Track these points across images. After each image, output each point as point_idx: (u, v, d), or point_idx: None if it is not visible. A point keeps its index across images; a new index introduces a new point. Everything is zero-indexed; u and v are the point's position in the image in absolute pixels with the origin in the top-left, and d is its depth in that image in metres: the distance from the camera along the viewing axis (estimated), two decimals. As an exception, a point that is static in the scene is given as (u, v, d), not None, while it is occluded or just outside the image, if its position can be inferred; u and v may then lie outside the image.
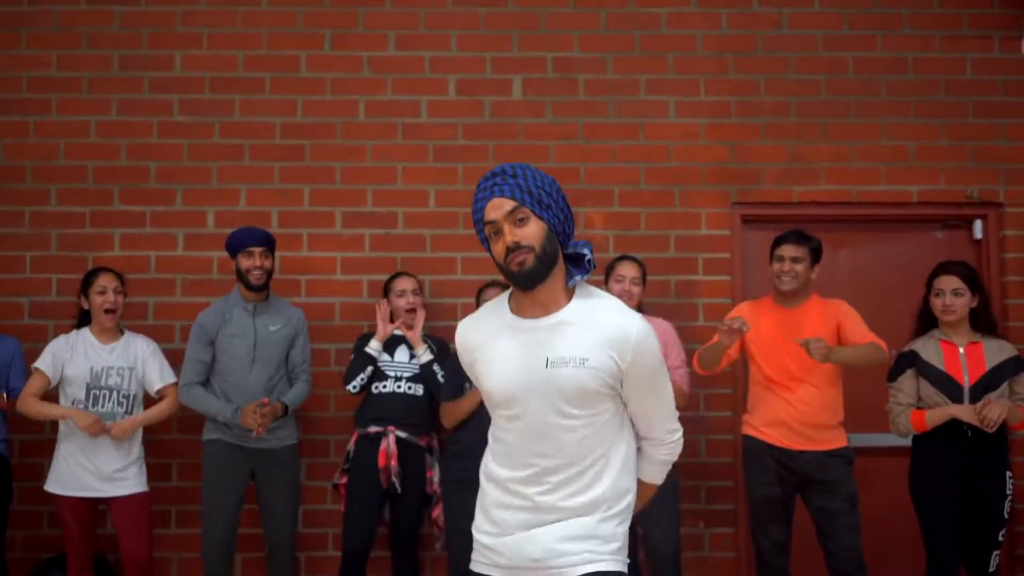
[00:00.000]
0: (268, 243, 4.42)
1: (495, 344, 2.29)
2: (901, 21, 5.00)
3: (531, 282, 2.21)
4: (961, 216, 5.00)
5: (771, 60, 4.99)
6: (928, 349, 4.02)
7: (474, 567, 2.37)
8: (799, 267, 4.08)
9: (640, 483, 2.41)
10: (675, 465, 4.59)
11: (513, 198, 2.20)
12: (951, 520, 3.93)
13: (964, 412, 3.84)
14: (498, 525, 2.30)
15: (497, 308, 2.35)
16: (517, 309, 2.30)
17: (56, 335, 4.47)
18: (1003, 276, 4.91)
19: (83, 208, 4.88)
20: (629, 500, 2.33)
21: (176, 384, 4.37)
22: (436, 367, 4.40)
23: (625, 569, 2.29)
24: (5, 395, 4.32)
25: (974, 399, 3.89)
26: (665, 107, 4.96)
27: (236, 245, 4.38)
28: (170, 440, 4.72)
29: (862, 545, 4.00)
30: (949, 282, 4.00)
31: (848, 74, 4.98)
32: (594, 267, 2.29)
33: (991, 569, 3.92)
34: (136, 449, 4.28)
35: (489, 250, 2.27)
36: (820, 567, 4.11)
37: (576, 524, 2.24)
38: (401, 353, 4.48)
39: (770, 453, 4.04)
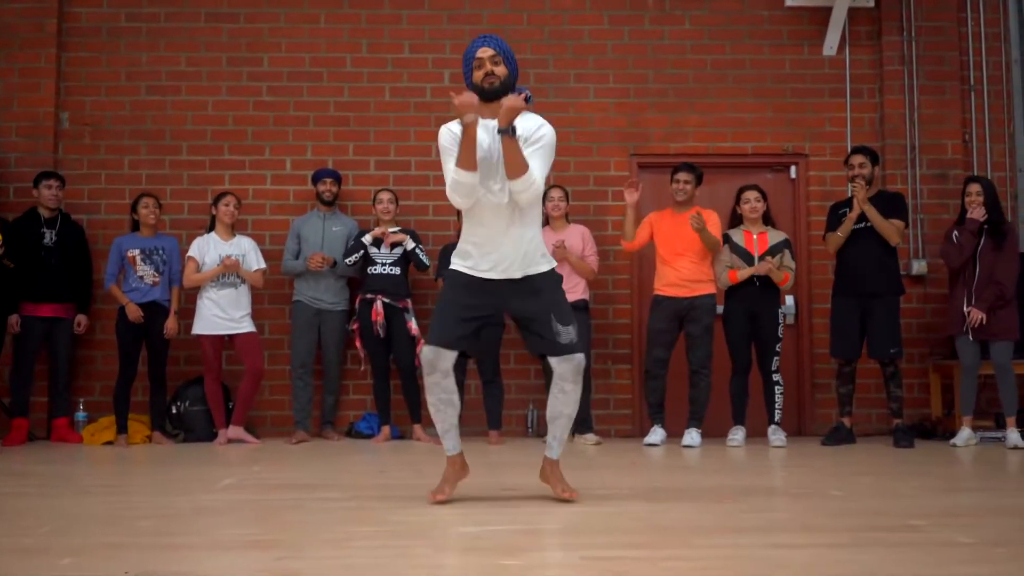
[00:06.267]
0: (336, 177, 7.07)
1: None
2: (743, 34, 7.54)
3: (493, 96, 3.81)
4: (782, 163, 7.53)
5: (657, 60, 7.52)
6: (736, 234, 6.57)
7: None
8: (688, 186, 6.55)
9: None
10: (590, 317, 7.06)
11: (495, 49, 3.83)
12: (743, 339, 6.49)
13: (755, 269, 6.39)
14: (474, 258, 4.07)
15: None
16: (481, 115, 4.06)
17: (187, 241, 6.95)
18: (807, 202, 7.46)
19: (204, 157, 7.39)
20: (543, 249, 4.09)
21: (263, 269, 6.87)
22: (419, 251, 6.75)
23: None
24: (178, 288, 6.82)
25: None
26: (587, 91, 7.48)
27: (317, 176, 7.04)
28: (263, 308, 7.22)
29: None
30: (751, 194, 6.57)
31: (707, 70, 7.51)
32: (531, 101, 3.82)
33: (773, 368, 6.46)
34: (247, 304, 6.79)
35: (468, 80, 3.87)
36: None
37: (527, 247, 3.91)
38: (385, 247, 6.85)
39: (667, 300, 6.45)
